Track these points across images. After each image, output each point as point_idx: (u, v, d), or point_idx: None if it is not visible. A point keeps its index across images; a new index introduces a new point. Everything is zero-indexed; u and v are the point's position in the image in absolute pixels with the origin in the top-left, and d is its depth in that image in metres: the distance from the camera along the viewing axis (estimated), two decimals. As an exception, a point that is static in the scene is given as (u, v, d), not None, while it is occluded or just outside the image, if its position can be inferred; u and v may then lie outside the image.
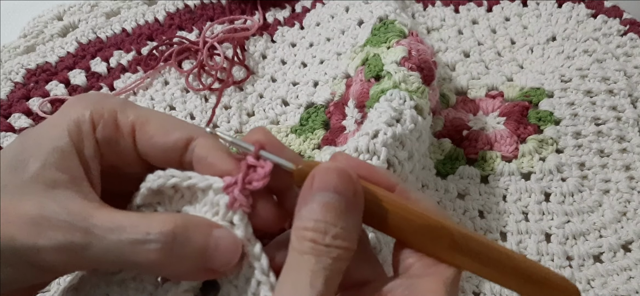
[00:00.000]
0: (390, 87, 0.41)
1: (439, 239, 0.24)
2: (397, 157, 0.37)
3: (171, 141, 0.25)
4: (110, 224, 0.23)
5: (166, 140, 0.25)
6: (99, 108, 0.26)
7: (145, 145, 0.26)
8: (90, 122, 0.25)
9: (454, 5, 0.61)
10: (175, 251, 0.23)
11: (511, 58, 0.56)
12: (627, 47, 0.54)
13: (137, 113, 0.26)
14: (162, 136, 0.26)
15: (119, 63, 0.57)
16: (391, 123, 0.37)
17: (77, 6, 0.62)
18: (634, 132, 0.48)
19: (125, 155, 0.26)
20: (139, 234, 0.23)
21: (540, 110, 0.49)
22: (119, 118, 0.26)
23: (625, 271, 0.41)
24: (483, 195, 0.46)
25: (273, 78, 0.56)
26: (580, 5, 0.58)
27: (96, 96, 0.27)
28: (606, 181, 0.45)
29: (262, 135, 0.25)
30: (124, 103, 0.26)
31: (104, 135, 0.25)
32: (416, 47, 0.45)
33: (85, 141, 0.25)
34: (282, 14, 0.62)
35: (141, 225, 0.23)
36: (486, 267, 0.24)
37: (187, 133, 0.26)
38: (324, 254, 0.22)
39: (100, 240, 0.23)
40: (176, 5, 0.62)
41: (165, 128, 0.26)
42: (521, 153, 0.47)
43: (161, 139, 0.26)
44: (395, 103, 0.39)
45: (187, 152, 0.26)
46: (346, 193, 0.23)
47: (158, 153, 0.26)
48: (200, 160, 0.25)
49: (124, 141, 0.26)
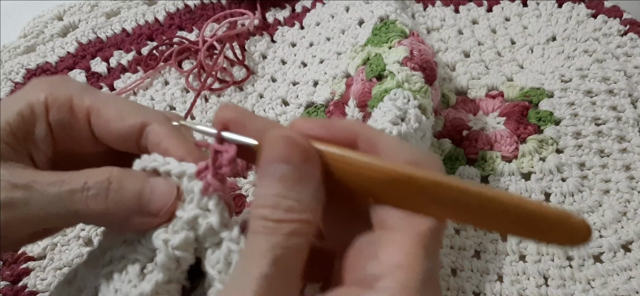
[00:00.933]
0: (393, 86, 0.42)
1: (409, 192, 0.21)
2: None
3: (126, 126, 0.26)
4: (50, 179, 0.25)
5: (121, 125, 0.26)
6: (55, 93, 0.27)
7: (102, 130, 0.27)
8: (44, 105, 0.26)
9: (454, 5, 0.61)
10: (111, 197, 0.25)
11: (511, 58, 0.56)
12: (627, 47, 0.54)
13: (93, 99, 0.27)
14: (117, 121, 0.27)
15: (119, 63, 0.57)
16: (396, 122, 0.37)
17: (77, 6, 0.62)
18: (634, 132, 0.48)
19: (80, 139, 0.27)
20: (77, 184, 0.24)
21: (540, 110, 0.49)
22: (75, 103, 0.27)
23: (625, 271, 0.41)
24: (483, 195, 0.46)
25: (273, 78, 0.56)
26: (580, 5, 0.58)
27: (56, 80, 0.28)
28: (606, 181, 0.45)
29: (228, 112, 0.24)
30: (82, 88, 0.27)
31: (58, 119, 0.27)
32: (418, 47, 0.45)
33: (38, 122, 0.26)
34: (282, 14, 0.62)
35: (80, 176, 0.25)
36: (469, 215, 0.22)
37: (141, 118, 0.26)
38: (275, 231, 0.21)
39: (41, 194, 0.24)
40: (176, 5, 0.62)
41: (120, 113, 0.27)
42: (521, 154, 0.47)
43: (116, 124, 0.27)
44: (399, 103, 0.39)
45: (142, 137, 0.27)
46: (295, 162, 0.21)
47: (114, 138, 0.27)
48: (154, 146, 0.26)
49: (78, 126, 0.27)
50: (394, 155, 0.22)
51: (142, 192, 0.25)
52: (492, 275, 0.42)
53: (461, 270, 0.42)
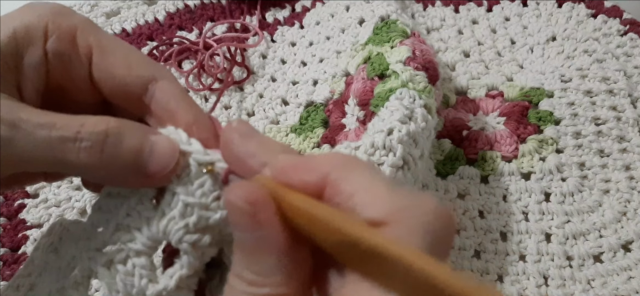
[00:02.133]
0: (398, 86, 0.41)
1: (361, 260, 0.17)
2: (411, 154, 0.37)
3: (133, 76, 0.24)
4: (39, 119, 0.21)
5: (127, 73, 0.24)
6: (57, 20, 0.24)
7: (104, 74, 0.24)
8: (43, 30, 0.23)
9: (454, 5, 0.61)
10: (106, 151, 0.22)
11: (511, 58, 0.56)
12: (627, 47, 0.54)
13: (99, 37, 0.24)
14: (123, 68, 0.24)
15: (119, 63, 0.57)
16: (404, 121, 0.37)
17: (77, 6, 0.62)
18: (634, 132, 0.48)
19: (76, 77, 0.24)
20: (70, 131, 0.21)
21: (540, 110, 0.49)
22: (78, 36, 0.24)
23: (625, 271, 0.41)
24: (483, 195, 0.46)
25: (273, 78, 0.56)
26: (580, 5, 0.58)
27: (60, 7, 0.24)
28: (606, 181, 0.45)
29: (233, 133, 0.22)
30: (88, 24, 0.24)
31: (56, 48, 0.23)
32: (420, 47, 0.45)
33: (32, 48, 0.23)
34: (282, 14, 0.62)
35: (73, 123, 0.22)
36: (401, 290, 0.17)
37: (150, 72, 0.24)
38: None
39: (27, 135, 0.21)
40: (176, 5, 0.62)
41: (128, 61, 0.24)
42: (521, 153, 0.47)
43: (122, 72, 0.24)
44: (406, 102, 0.39)
45: (147, 93, 0.24)
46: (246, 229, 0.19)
47: (116, 87, 0.24)
48: (159, 105, 0.24)
49: (78, 61, 0.24)
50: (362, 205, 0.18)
51: (141, 149, 0.22)
52: (492, 275, 0.42)
53: (461, 270, 0.42)
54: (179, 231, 0.23)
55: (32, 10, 0.24)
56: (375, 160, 0.35)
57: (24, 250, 0.44)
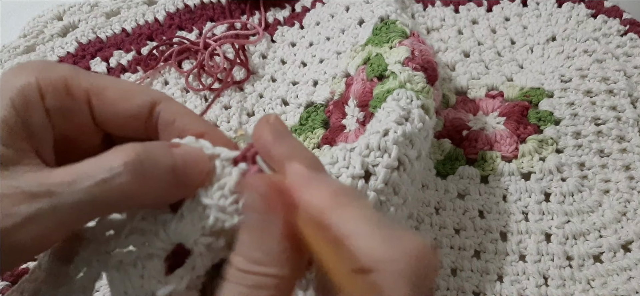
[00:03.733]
0: (396, 86, 0.41)
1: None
2: (407, 155, 0.37)
3: (135, 106, 0.24)
4: (70, 177, 0.21)
5: (129, 105, 0.24)
6: (46, 76, 0.23)
7: (106, 112, 0.24)
8: (37, 90, 0.23)
9: (453, 5, 0.61)
10: (146, 175, 0.22)
11: (511, 58, 0.56)
12: (627, 47, 0.54)
13: (90, 80, 0.24)
14: (124, 102, 0.24)
15: (119, 63, 0.57)
16: (400, 122, 0.37)
17: (77, 6, 0.62)
18: (634, 132, 0.48)
19: (80, 125, 0.24)
20: (104, 172, 0.21)
21: (540, 110, 0.49)
22: (71, 85, 0.24)
23: (625, 271, 0.41)
24: (483, 195, 0.46)
25: (273, 78, 0.56)
26: (580, 5, 0.58)
27: (42, 62, 0.24)
28: (606, 181, 0.45)
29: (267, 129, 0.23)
30: (73, 70, 0.24)
31: (55, 104, 0.23)
32: (419, 48, 0.45)
33: (33, 111, 0.23)
34: (282, 14, 0.62)
35: (102, 163, 0.21)
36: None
37: (150, 97, 0.24)
38: (240, 281, 0.20)
39: (66, 197, 0.21)
40: (176, 5, 0.62)
41: (126, 93, 0.24)
42: (521, 153, 0.47)
43: (123, 105, 0.24)
44: (403, 103, 0.39)
45: (151, 117, 0.24)
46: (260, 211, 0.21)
47: (120, 121, 0.24)
48: (167, 125, 0.24)
49: (79, 110, 0.24)
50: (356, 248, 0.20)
51: (174, 164, 0.22)
52: (492, 275, 0.42)
53: (461, 270, 0.42)
54: (195, 233, 0.23)
55: (19, 74, 0.23)
56: (370, 162, 0.35)
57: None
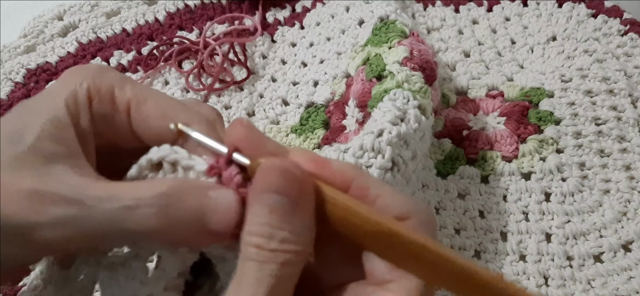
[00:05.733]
0: (393, 86, 0.41)
1: (393, 247, 0.22)
2: (401, 156, 0.37)
3: (165, 126, 0.25)
4: (103, 193, 0.22)
5: (161, 124, 0.25)
6: (97, 81, 0.25)
7: (141, 125, 0.25)
8: (87, 94, 0.24)
9: (454, 5, 0.61)
10: (171, 213, 0.22)
11: (511, 58, 0.56)
12: (628, 47, 0.54)
13: (134, 91, 0.25)
14: (157, 119, 0.25)
15: (119, 63, 0.57)
16: (395, 122, 0.37)
17: (77, 6, 0.62)
18: (634, 132, 0.48)
19: (120, 131, 0.25)
20: (132, 200, 0.22)
21: (540, 110, 0.49)
22: (116, 93, 0.25)
23: (625, 271, 0.41)
24: (483, 195, 0.46)
25: (273, 78, 0.56)
26: (581, 5, 0.58)
27: (95, 68, 0.26)
28: (606, 181, 0.45)
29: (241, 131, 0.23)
30: (122, 79, 0.25)
31: (100, 109, 0.24)
32: (418, 48, 0.45)
33: (82, 113, 0.24)
34: (282, 14, 0.62)
35: (134, 190, 0.22)
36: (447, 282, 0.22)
37: (183, 119, 0.25)
38: (270, 260, 0.20)
39: (95, 211, 0.22)
40: (176, 5, 0.62)
41: (162, 110, 0.25)
42: (521, 153, 0.47)
43: (156, 122, 0.25)
44: (399, 103, 0.39)
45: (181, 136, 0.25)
46: (291, 194, 0.21)
47: (152, 136, 0.25)
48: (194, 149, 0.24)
49: (119, 118, 0.25)
50: (385, 206, 0.22)
51: (205, 207, 0.22)
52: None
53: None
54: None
55: (74, 76, 0.25)
56: (364, 163, 0.35)
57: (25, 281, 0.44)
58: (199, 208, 0.22)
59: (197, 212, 0.22)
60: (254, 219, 0.21)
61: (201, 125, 0.25)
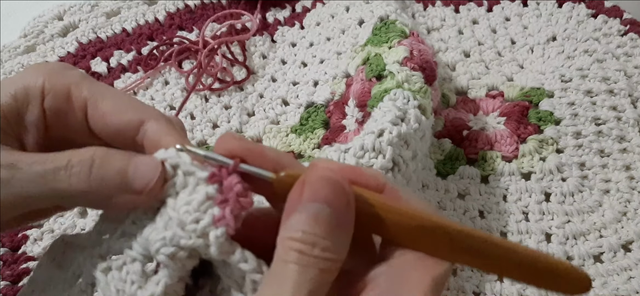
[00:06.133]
0: (393, 86, 0.42)
1: (435, 239, 0.23)
2: (402, 156, 0.37)
3: (123, 122, 0.26)
4: (34, 159, 0.24)
5: (118, 120, 0.26)
6: (53, 79, 0.26)
7: (98, 123, 0.26)
8: (40, 90, 0.26)
9: (454, 5, 0.61)
10: (94, 174, 0.24)
11: (511, 58, 0.56)
12: (628, 47, 0.54)
13: (92, 90, 0.26)
14: (114, 116, 0.26)
15: (119, 63, 0.57)
16: (396, 122, 0.37)
17: (77, 6, 0.62)
18: (634, 132, 0.48)
19: (75, 129, 0.27)
20: (61, 162, 0.24)
21: (540, 110, 0.49)
22: (73, 92, 0.26)
23: (625, 271, 0.41)
24: (483, 195, 0.46)
25: (273, 78, 0.56)
26: (581, 5, 0.58)
27: (56, 66, 0.27)
28: (606, 181, 0.45)
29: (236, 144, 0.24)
30: (81, 77, 0.27)
31: (52, 106, 0.26)
32: (417, 48, 0.45)
33: (30, 107, 0.26)
34: (282, 14, 0.62)
35: (63, 155, 0.24)
36: (486, 263, 0.23)
37: (139, 115, 0.26)
38: (311, 265, 0.21)
39: (24, 173, 0.24)
40: (176, 5, 0.62)
41: (118, 108, 0.26)
42: (521, 153, 0.47)
43: (113, 119, 0.26)
44: (399, 103, 0.39)
45: (138, 133, 0.26)
46: (338, 207, 0.22)
47: (110, 133, 0.26)
48: (152, 144, 0.26)
49: (74, 115, 0.27)
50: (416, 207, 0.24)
51: (126, 169, 0.24)
52: (492, 275, 0.42)
53: (461, 270, 0.42)
54: (156, 243, 0.23)
55: (30, 72, 0.27)
56: (365, 163, 0.35)
57: (23, 249, 0.44)
58: (123, 168, 0.24)
59: (120, 171, 0.24)
60: (297, 225, 0.22)
61: (159, 122, 0.26)
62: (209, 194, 0.23)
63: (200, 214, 0.23)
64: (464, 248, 0.23)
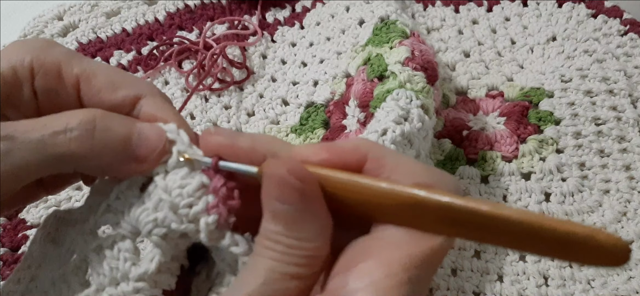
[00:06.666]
0: (395, 86, 0.42)
1: (417, 215, 0.21)
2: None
3: (119, 97, 0.25)
4: (31, 125, 0.23)
5: (113, 96, 0.25)
6: (41, 57, 0.25)
7: (92, 99, 0.25)
8: (28, 70, 0.25)
9: (454, 5, 0.61)
10: (96, 139, 0.23)
11: (511, 58, 0.56)
12: (627, 47, 0.54)
13: (82, 66, 0.25)
14: (109, 92, 0.25)
15: (119, 63, 0.57)
16: (399, 122, 0.38)
17: (77, 6, 0.62)
18: (634, 132, 0.48)
19: (67, 106, 0.25)
20: (59, 125, 0.23)
21: (540, 110, 0.49)
22: (63, 69, 0.25)
23: (625, 271, 0.41)
24: (483, 195, 0.46)
25: (273, 78, 0.56)
26: (581, 5, 0.58)
27: (42, 42, 0.26)
28: (606, 181, 0.45)
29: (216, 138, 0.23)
30: (70, 55, 0.26)
31: (43, 85, 0.25)
32: (419, 48, 0.45)
33: (21, 87, 0.25)
34: (282, 14, 0.62)
35: (61, 118, 0.23)
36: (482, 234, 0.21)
37: (134, 90, 0.25)
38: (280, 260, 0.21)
39: (22, 142, 0.22)
40: (176, 5, 0.62)
41: (112, 83, 0.25)
42: (521, 153, 0.47)
43: (108, 95, 0.25)
44: (402, 103, 0.39)
45: (134, 109, 0.25)
46: (293, 202, 0.21)
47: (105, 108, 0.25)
48: (147, 119, 0.25)
49: (66, 93, 0.25)
50: (404, 175, 0.21)
51: (130, 135, 0.23)
52: (492, 275, 0.42)
53: (461, 270, 0.42)
54: (148, 224, 0.23)
55: (16, 50, 0.25)
56: None
57: (23, 249, 0.44)
58: (126, 133, 0.23)
59: (124, 137, 0.23)
60: (263, 223, 0.22)
61: (155, 98, 0.25)
62: (205, 182, 0.23)
63: (193, 199, 0.23)
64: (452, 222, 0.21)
